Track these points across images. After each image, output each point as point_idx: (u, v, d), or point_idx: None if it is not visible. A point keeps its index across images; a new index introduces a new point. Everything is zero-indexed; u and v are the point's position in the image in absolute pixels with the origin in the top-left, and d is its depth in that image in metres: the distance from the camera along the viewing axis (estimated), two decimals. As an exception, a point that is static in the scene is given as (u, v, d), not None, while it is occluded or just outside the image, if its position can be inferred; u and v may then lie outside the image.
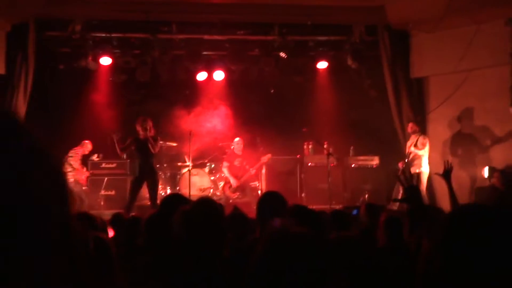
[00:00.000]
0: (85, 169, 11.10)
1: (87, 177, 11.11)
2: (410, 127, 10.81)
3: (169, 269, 2.78)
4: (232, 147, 11.43)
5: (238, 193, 11.20)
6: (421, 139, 10.56)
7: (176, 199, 3.92)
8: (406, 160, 10.51)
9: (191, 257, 2.59)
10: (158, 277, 2.94)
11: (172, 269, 2.74)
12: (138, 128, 9.58)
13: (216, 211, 2.79)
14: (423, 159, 10.49)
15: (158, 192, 10.08)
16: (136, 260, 3.79)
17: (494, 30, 10.26)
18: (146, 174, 9.62)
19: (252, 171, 11.21)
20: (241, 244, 3.84)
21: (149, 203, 9.87)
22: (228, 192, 11.20)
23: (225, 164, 11.33)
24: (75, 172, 10.62)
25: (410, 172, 4.31)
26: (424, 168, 10.48)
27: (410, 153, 10.49)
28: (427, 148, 10.48)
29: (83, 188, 10.88)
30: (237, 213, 4.90)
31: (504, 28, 10.01)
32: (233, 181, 11.16)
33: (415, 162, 10.47)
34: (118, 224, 5.74)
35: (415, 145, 10.50)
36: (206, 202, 2.84)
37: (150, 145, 9.52)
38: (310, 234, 1.96)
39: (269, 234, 2.03)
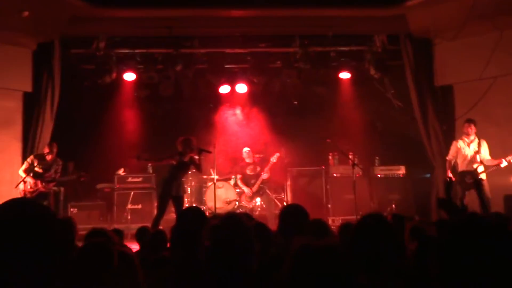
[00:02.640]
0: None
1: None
2: (469, 127, 9.81)
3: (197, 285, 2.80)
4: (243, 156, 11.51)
5: (255, 200, 11.27)
6: (482, 143, 9.73)
7: (194, 212, 3.93)
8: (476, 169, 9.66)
9: (221, 273, 2.60)
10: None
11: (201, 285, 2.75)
12: (181, 147, 9.39)
13: (245, 227, 2.79)
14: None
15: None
16: (161, 273, 3.80)
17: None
18: (176, 192, 9.44)
19: (264, 175, 11.24)
20: (264, 257, 3.82)
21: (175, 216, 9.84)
22: (245, 202, 11.28)
23: (238, 176, 11.53)
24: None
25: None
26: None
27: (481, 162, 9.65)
28: None
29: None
30: (259, 225, 4.89)
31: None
32: (247, 191, 11.25)
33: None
34: (143, 238, 5.78)
35: (478, 151, 9.66)
36: (233, 218, 2.84)
37: (194, 166, 9.53)
38: (335, 246, 1.96)
39: (297, 249, 2.03)
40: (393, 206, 11.20)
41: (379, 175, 11.74)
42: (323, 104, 12.53)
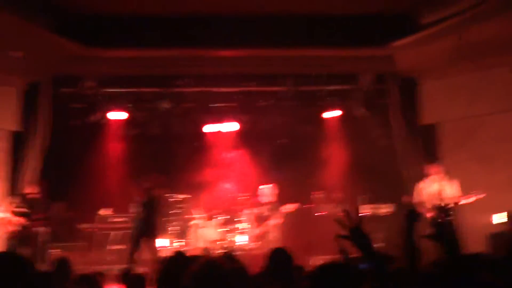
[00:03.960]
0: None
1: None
2: (434, 167, 9.96)
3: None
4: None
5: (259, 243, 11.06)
6: (451, 183, 9.82)
7: (180, 258, 3.96)
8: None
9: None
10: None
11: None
12: (149, 185, 9.72)
13: (224, 274, 2.80)
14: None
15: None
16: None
17: (501, 75, 10.28)
18: (150, 230, 9.69)
19: (271, 222, 10.92)
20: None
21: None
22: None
23: (245, 211, 11.24)
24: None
25: None
26: None
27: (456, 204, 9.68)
28: None
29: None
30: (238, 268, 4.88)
31: (510, 75, 10.01)
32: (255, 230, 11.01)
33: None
34: (127, 280, 5.79)
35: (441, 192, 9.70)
36: (212, 265, 2.86)
37: (160, 203, 9.81)
38: None
39: None
40: (380, 244, 11.12)
41: (365, 213, 11.70)
42: (310, 142, 12.57)
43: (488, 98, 10.54)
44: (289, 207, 10.66)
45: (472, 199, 9.52)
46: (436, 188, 9.86)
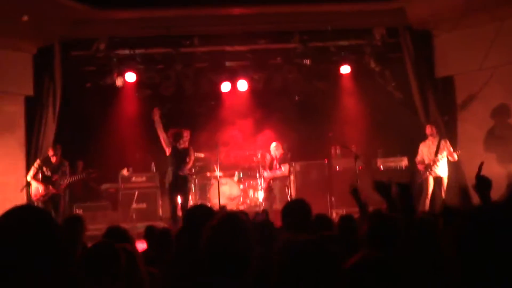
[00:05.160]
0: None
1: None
2: (428, 128, 10.55)
3: (199, 279, 2.82)
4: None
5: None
6: (444, 144, 10.35)
7: (200, 211, 3.96)
8: (432, 169, 10.32)
9: (217, 272, 2.62)
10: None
11: (202, 278, 2.77)
12: (174, 138, 9.87)
13: (243, 227, 2.79)
14: (444, 163, 10.37)
15: (189, 200, 10.26)
16: (167, 272, 3.85)
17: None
18: (181, 182, 9.84)
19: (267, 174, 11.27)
20: (267, 252, 3.85)
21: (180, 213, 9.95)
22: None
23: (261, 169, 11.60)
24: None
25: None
26: (445, 173, 10.38)
27: (436, 161, 10.30)
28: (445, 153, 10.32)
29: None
30: (264, 221, 4.94)
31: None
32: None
33: (440, 167, 10.37)
34: (151, 237, 5.84)
35: (437, 152, 10.28)
36: (232, 219, 2.85)
37: (188, 156, 9.90)
38: (317, 241, 2.00)
39: (280, 246, 2.07)
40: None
41: (382, 167, 11.77)
42: (324, 99, 12.54)
43: (503, 49, 10.40)
44: (284, 170, 10.90)
45: (455, 156, 10.14)
46: (431, 148, 10.39)
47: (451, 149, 10.26)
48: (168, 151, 9.94)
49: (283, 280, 1.96)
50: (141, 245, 5.91)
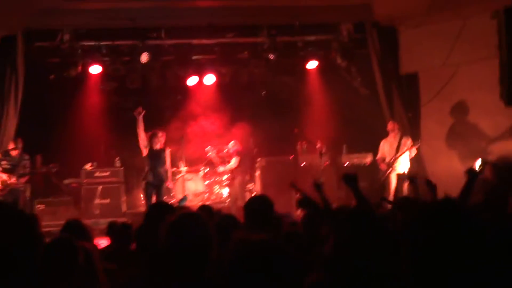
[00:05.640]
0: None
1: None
2: (390, 125, 10.72)
3: (157, 278, 2.80)
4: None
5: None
6: (405, 140, 10.51)
7: (161, 207, 3.93)
8: (393, 166, 10.46)
9: (176, 267, 2.59)
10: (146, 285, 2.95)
11: (160, 278, 2.75)
12: (150, 139, 9.91)
13: (201, 225, 2.76)
14: (406, 160, 10.51)
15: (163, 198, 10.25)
16: (128, 268, 3.81)
17: (480, 23, 10.28)
18: (158, 181, 9.89)
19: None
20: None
21: (144, 210, 9.90)
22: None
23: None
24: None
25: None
26: (407, 169, 10.51)
27: (397, 158, 10.43)
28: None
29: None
30: (227, 217, 4.91)
31: (490, 21, 10.00)
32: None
33: (402, 163, 10.49)
34: (113, 233, 5.77)
35: (398, 149, 10.42)
36: (189, 216, 2.82)
37: (165, 156, 9.99)
38: (268, 240, 1.99)
39: (232, 244, 2.06)
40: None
41: (346, 164, 11.83)
42: (291, 94, 12.58)
43: (467, 46, 10.55)
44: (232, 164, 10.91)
45: (414, 151, 10.37)
46: (393, 144, 10.55)
47: (411, 144, 10.38)
48: (145, 151, 9.96)
49: (234, 281, 1.95)
50: (104, 241, 5.85)
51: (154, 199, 9.78)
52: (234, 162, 11.12)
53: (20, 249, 1.82)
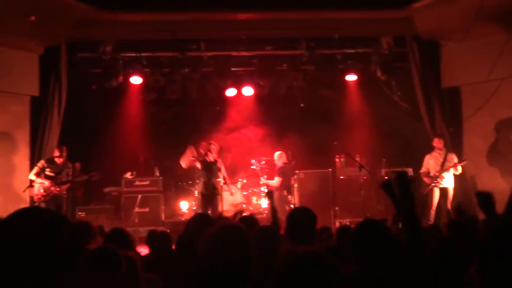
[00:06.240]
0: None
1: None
2: (436, 141, 10.58)
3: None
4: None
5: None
6: (451, 157, 10.42)
7: (201, 219, 3.93)
8: (438, 180, 10.35)
9: (216, 282, 2.57)
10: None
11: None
12: (204, 150, 10.34)
13: (242, 237, 2.74)
14: (450, 175, 10.39)
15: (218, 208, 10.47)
16: (168, 277, 3.81)
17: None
18: (212, 192, 10.27)
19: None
20: (270, 260, 3.80)
21: (182, 219, 9.97)
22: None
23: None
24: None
25: None
26: (452, 184, 10.38)
27: (442, 173, 10.32)
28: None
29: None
30: (268, 228, 4.88)
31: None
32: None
33: (447, 178, 10.35)
34: (153, 241, 5.82)
35: (443, 164, 10.33)
36: (230, 230, 2.80)
37: (218, 168, 10.40)
38: (318, 253, 1.97)
39: (282, 255, 2.04)
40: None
41: (386, 177, 11.68)
42: (329, 107, 12.52)
43: (511, 61, 10.35)
44: (274, 182, 10.84)
45: (459, 168, 10.25)
46: (438, 160, 10.44)
47: (456, 161, 10.24)
48: (198, 165, 10.37)
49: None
50: (144, 250, 5.88)
51: (208, 210, 9.96)
52: (276, 181, 10.99)
53: (62, 256, 1.83)
